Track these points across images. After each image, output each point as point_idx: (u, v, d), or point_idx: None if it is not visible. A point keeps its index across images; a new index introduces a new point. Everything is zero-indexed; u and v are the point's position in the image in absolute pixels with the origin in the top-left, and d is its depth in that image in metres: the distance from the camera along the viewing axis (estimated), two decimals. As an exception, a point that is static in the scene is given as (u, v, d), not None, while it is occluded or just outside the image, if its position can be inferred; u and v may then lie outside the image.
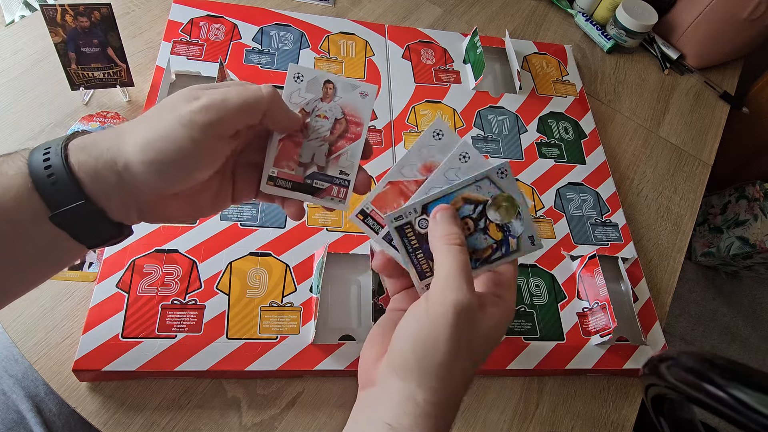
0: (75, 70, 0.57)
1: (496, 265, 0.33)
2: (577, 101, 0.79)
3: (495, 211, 0.33)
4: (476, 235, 0.33)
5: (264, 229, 0.56)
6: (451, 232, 0.31)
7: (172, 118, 0.29)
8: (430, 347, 0.29)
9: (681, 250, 0.71)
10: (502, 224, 0.33)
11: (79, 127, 0.60)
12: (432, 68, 0.76)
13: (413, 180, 0.34)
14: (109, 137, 0.30)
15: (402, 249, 0.33)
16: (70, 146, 0.29)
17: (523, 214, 0.33)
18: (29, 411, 0.47)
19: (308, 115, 0.34)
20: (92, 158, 0.29)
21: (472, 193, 0.33)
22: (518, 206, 0.33)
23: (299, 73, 0.34)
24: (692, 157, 0.83)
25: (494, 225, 0.33)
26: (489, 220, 0.33)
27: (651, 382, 0.40)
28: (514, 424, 0.54)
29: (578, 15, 0.95)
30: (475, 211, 0.33)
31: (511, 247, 0.33)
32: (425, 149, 0.34)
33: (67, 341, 0.48)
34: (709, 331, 1.52)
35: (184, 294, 0.50)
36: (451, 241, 0.31)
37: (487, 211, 0.33)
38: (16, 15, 0.85)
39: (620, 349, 0.57)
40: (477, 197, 0.33)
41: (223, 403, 0.48)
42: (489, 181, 0.33)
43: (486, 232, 0.33)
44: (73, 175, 0.29)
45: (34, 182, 0.28)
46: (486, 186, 0.33)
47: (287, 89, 0.34)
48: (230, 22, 0.72)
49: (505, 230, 0.33)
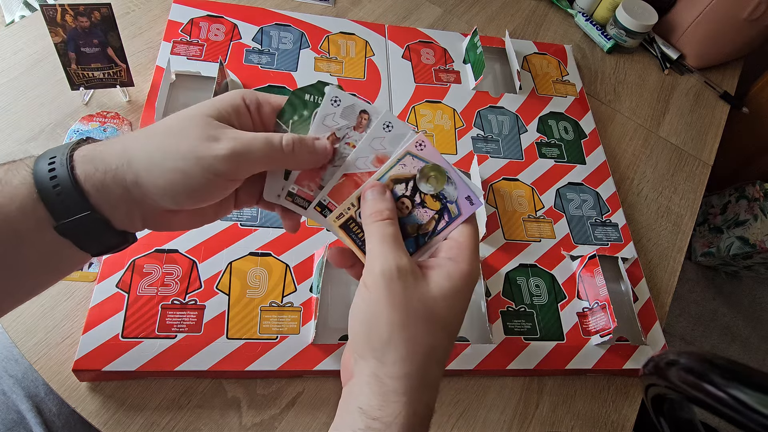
0: (75, 70, 0.57)
1: (445, 234, 0.33)
2: (577, 101, 0.79)
3: (425, 183, 0.33)
4: (416, 212, 0.33)
5: (264, 229, 0.56)
6: (377, 209, 0.32)
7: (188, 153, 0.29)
8: (375, 321, 0.29)
9: (681, 250, 0.71)
10: (436, 194, 0.33)
11: (78, 127, 0.60)
12: (432, 68, 0.76)
13: (367, 172, 0.34)
14: (117, 150, 0.30)
15: (352, 245, 0.34)
16: (75, 156, 0.29)
17: (453, 178, 0.33)
18: (29, 411, 0.47)
19: (338, 141, 0.34)
20: (100, 172, 0.29)
21: (399, 172, 0.33)
22: (446, 172, 0.33)
23: (337, 98, 0.34)
24: (692, 157, 0.83)
25: (429, 197, 0.33)
26: (423, 193, 0.33)
27: (651, 382, 0.40)
28: (514, 424, 0.54)
29: (578, 15, 0.95)
30: (407, 189, 0.33)
31: (452, 213, 0.33)
32: (376, 141, 0.34)
33: (67, 341, 0.48)
34: (709, 331, 1.52)
35: (184, 294, 0.50)
36: (377, 218, 0.31)
37: (418, 185, 0.33)
38: (16, 15, 0.85)
39: (620, 349, 0.57)
40: (405, 174, 0.33)
41: (223, 403, 0.48)
42: (411, 156, 0.33)
43: (424, 206, 0.33)
44: (79, 186, 0.29)
45: (40, 192, 0.28)
46: (410, 162, 0.33)
47: (323, 110, 0.34)
48: (230, 22, 0.72)
49: (442, 198, 0.33)
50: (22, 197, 0.28)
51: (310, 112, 0.35)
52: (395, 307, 0.29)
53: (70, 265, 0.33)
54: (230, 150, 0.29)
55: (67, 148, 0.30)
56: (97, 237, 0.31)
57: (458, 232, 0.33)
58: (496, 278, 0.59)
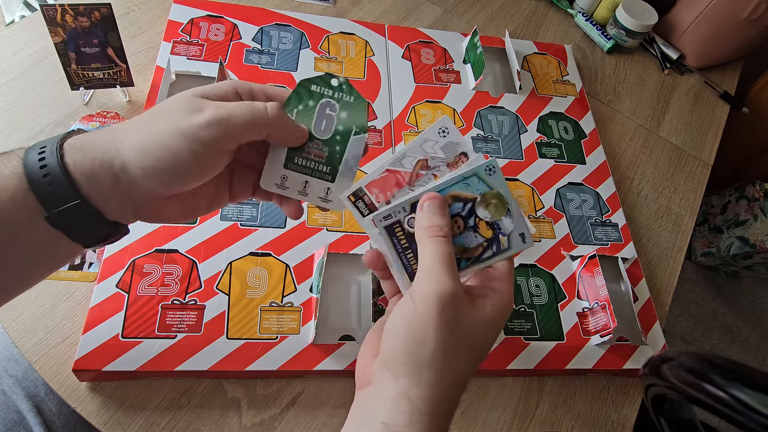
0: (75, 70, 0.57)
1: (487, 263, 0.33)
2: (577, 101, 0.79)
3: (484, 208, 0.32)
4: (466, 234, 0.33)
5: (264, 229, 0.56)
6: (435, 224, 0.31)
7: (173, 128, 0.29)
8: (418, 342, 0.29)
9: (681, 250, 0.71)
10: (492, 222, 0.32)
11: (79, 127, 0.60)
12: (432, 68, 0.76)
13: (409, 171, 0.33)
14: (105, 138, 0.30)
15: (392, 249, 0.33)
16: (65, 146, 0.29)
17: (513, 211, 0.32)
18: (29, 411, 0.47)
19: (427, 169, 0.34)
20: (88, 159, 0.29)
21: (461, 191, 0.32)
22: (507, 203, 0.32)
23: (446, 129, 0.33)
24: (692, 157, 0.83)
25: (484, 223, 0.32)
26: (478, 218, 0.32)
27: (651, 382, 0.40)
28: (514, 424, 0.54)
29: (578, 15, 0.95)
30: (464, 209, 0.32)
31: (502, 245, 0.32)
32: (428, 144, 0.33)
33: (67, 341, 0.48)
34: (709, 331, 1.52)
35: (184, 294, 0.50)
36: (434, 234, 0.31)
37: (476, 208, 0.32)
38: (16, 15, 0.85)
39: (620, 349, 0.57)
40: (466, 195, 0.32)
41: (223, 403, 0.48)
42: (477, 178, 0.32)
43: (476, 230, 0.33)
44: (69, 175, 0.29)
45: (30, 182, 0.28)
46: (474, 183, 0.32)
47: (427, 134, 0.33)
48: (230, 22, 0.72)
49: (496, 228, 0.32)
50: (12, 188, 0.28)
51: (315, 103, 0.34)
52: (444, 334, 0.28)
53: (63, 258, 0.32)
54: (213, 116, 0.29)
55: (57, 137, 0.30)
56: (89, 228, 0.30)
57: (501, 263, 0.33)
58: (496, 278, 0.59)
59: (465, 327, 0.29)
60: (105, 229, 0.31)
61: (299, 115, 0.34)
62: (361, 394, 0.32)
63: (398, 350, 0.29)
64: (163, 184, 0.30)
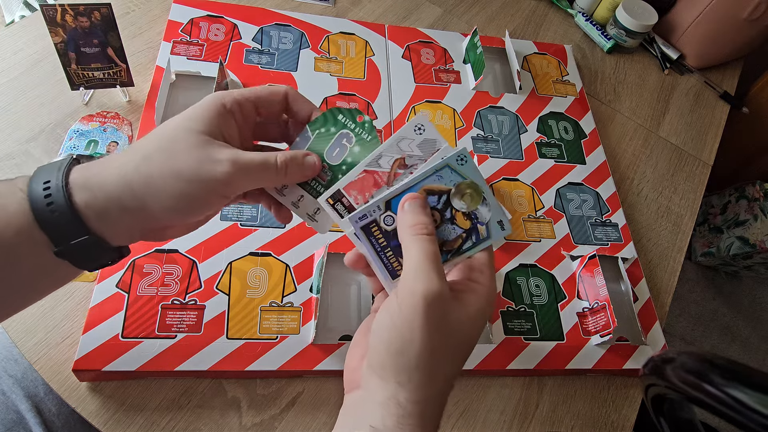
0: (75, 70, 0.57)
1: (468, 254, 0.33)
2: (577, 101, 0.79)
3: (459, 199, 0.32)
4: (444, 226, 0.32)
5: (264, 229, 0.56)
6: (419, 222, 0.31)
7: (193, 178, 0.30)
8: (405, 342, 0.28)
9: (681, 250, 0.71)
10: (468, 212, 0.32)
11: (79, 127, 0.59)
12: (432, 68, 0.76)
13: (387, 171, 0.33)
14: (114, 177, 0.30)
15: (370, 249, 0.32)
16: (71, 182, 0.29)
17: (488, 199, 0.32)
18: (29, 411, 0.47)
19: (405, 167, 0.33)
20: (100, 200, 0.29)
21: (434, 184, 0.32)
22: (483, 192, 0.32)
23: (422, 126, 0.33)
24: (692, 157, 0.83)
25: (461, 214, 0.32)
26: (455, 209, 0.32)
27: (651, 382, 0.40)
28: (514, 424, 0.54)
29: (578, 15, 0.95)
30: (439, 202, 0.32)
31: (481, 234, 0.32)
32: (404, 142, 0.33)
33: (67, 341, 0.48)
34: (709, 331, 1.52)
35: (184, 294, 0.50)
36: (419, 231, 0.30)
37: (451, 200, 0.32)
38: (16, 15, 0.85)
39: (620, 349, 0.57)
40: (440, 187, 0.32)
41: (223, 403, 0.48)
42: (449, 169, 0.32)
43: (453, 222, 0.32)
44: (78, 213, 0.29)
45: (37, 219, 0.29)
46: (447, 175, 0.32)
47: (403, 132, 0.33)
48: (230, 22, 0.72)
49: (473, 218, 0.32)
50: (18, 224, 0.29)
51: (336, 130, 0.35)
52: (431, 334, 0.28)
53: (64, 280, 0.33)
54: (231, 173, 0.30)
55: (61, 171, 0.30)
56: (94, 256, 0.31)
57: (482, 254, 0.32)
58: (497, 278, 0.59)
59: (452, 325, 0.29)
60: (109, 254, 0.32)
61: (319, 137, 0.36)
62: (350, 397, 0.32)
63: (384, 351, 0.29)
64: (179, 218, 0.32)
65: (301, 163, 0.34)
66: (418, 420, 0.28)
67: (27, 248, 0.29)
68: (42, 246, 0.29)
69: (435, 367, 0.29)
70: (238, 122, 0.34)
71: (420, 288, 0.28)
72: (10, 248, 0.29)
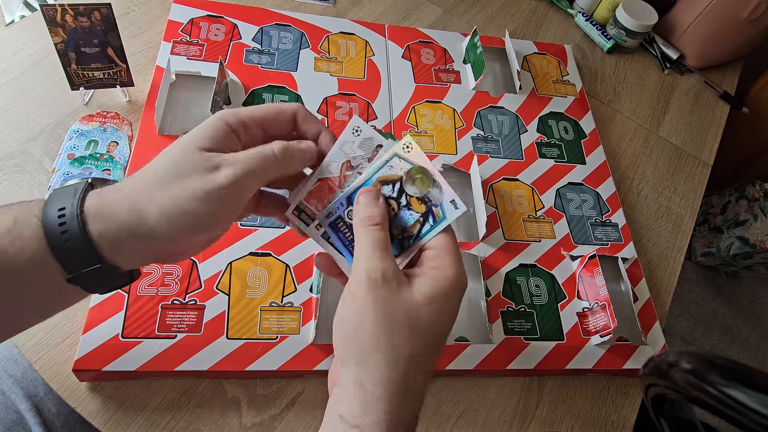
0: (75, 70, 0.57)
1: (428, 238, 0.33)
2: (577, 101, 0.79)
3: (412, 184, 0.33)
4: (401, 213, 0.34)
5: (264, 229, 0.56)
6: (369, 214, 0.32)
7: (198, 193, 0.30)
8: (358, 325, 0.29)
9: (681, 250, 0.71)
10: (422, 196, 0.33)
11: (79, 127, 0.59)
12: (432, 68, 0.76)
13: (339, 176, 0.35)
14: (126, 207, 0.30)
15: (339, 244, 0.35)
16: (86, 210, 0.29)
17: (438, 181, 0.33)
18: (28, 411, 0.47)
19: (351, 169, 0.35)
20: (113, 230, 0.30)
21: (386, 174, 0.34)
22: (432, 175, 0.33)
23: (358, 128, 0.35)
24: (692, 157, 0.83)
25: (415, 199, 0.33)
26: (409, 195, 0.34)
27: (651, 382, 0.40)
28: (514, 424, 0.54)
29: (578, 15, 0.95)
30: (394, 191, 0.34)
31: (437, 216, 0.33)
32: (347, 146, 0.35)
33: (67, 341, 0.48)
34: (709, 331, 1.52)
35: (184, 294, 0.50)
36: (368, 223, 0.32)
37: (404, 187, 0.34)
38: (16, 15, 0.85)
39: (620, 349, 0.57)
40: (392, 176, 0.34)
41: (223, 403, 0.48)
42: (398, 158, 0.34)
43: (410, 208, 0.34)
44: (92, 243, 0.29)
45: (51, 248, 0.29)
46: (397, 164, 0.34)
47: (343, 137, 0.35)
48: (230, 22, 0.72)
49: (427, 201, 0.33)
50: (32, 250, 0.29)
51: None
52: (379, 313, 0.29)
53: (73, 301, 0.33)
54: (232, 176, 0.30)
55: (76, 198, 0.30)
56: (105, 282, 0.31)
57: (438, 241, 0.33)
58: (496, 278, 0.59)
59: (404, 305, 0.29)
60: (121, 280, 0.32)
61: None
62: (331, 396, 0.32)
63: (342, 337, 0.30)
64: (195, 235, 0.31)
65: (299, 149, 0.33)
66: (384, 404, 0.28)
67: (39, 274, 0.29)
68: (54, 272, 0.29)
69: (391, 347, 0.29)
70: (243, 142, 0.33)
71: (364, 271, 0.30)
72: (22, 273, 0.29)
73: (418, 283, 0.30)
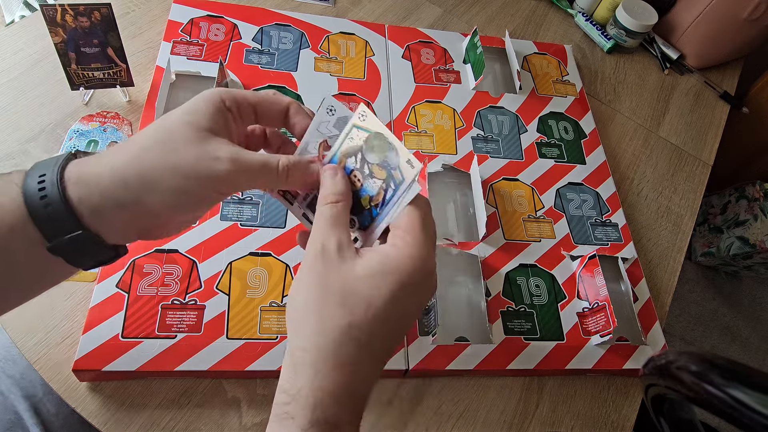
0: (75, 70, 0.57)
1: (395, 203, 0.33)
2: (577, 101, 0.79)
3: (371, 152, 0.33)
4: (366, 183, 0.34)
5: (264, 229, 0.56)
6: (324, 193, 0.32)
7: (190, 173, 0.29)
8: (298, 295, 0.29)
9: (681, 250, 0.71)
10: (381, 162, 0.33)
11: (79, 127, 0.59)
12: (432, 68, 0.76)
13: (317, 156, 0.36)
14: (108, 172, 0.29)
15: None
16: (66, 177, 0.29)
17: (394, 144, 0.33)
18: (27, 411, 0.47)
19: (329, 149, 0.35)
20: (95, 195, 0.29)
21: (348, 147, 0.34)
22: (387, 139, 0.33)
23: (332, 107, 0.35)
24: (692, 157, 0.83)
25: (376, 166, 0.33)
26: (370, 163, 0.34)
27: (651, 382, 0.40)
28: (514, 424, 0.54)
29: (578, 15, 0.95)
30: (357, 161, 0.34)
31: (396, 179, 0.33)
32: (323, 125, 0.35)
33: (67, 341, 0.48)
34: (709, 331, 1.52)
35: (184, 294, 0.50)
36: (325, 201, 0.32)
37: (365, 156, 0.34)
38: (16, 15, 0.85)
39: (620, 349, 0.57)
40: (353, 148, 0.34)
41: (223, 403, 0.48)
42: (356, 129, 0.34)
43: (373, 176, 0.34)
44: (72, 208, 0.28)
45: (31, 214, 0.28)
46: (356, 134, 0.34)
47: (318, 118, 0.35)
48: (230, 22, 0.72)
49: (386, 166, 0.33)
50: (12, 218, 0.28)
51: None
52: (314, 284, 0.29)
53: (59, 277, 0.33)
54: (230, 172, 0.30)
55: (57, 166, 0.29)
56: (89, 254, 0.31)
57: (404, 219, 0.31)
58: (496, 278, 0.59)
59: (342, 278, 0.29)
60: (105, 253, 0.31)
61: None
62: None
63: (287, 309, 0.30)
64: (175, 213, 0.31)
65: (305, 170, 0.33)
66: (310, 370, 0.27)
67: (21, 244, 0.29)
68: (36, 242, 0.29)
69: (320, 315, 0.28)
70: (236, 122, 0.33)
71: (312, 243, 0.30)
72: (4, 244, 0.28)
73: (366, 258, 0.29)
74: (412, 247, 0.30)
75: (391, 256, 0.29)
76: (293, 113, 0.35)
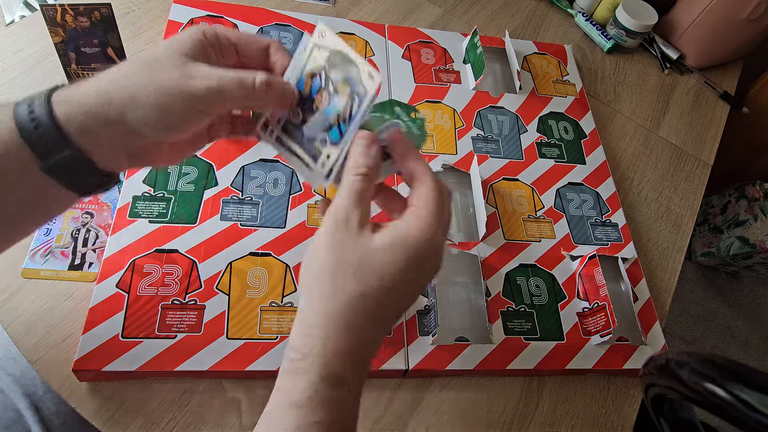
0: (75, 70, 0.57)
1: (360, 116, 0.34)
2: (577, 101, 0.79)
3: (334, 69, 0.34)
4: (332, 102, 0.35)
5: (264, 229, 0.56)
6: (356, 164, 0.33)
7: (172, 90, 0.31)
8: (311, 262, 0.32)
9: (681, 250, 0.71)
10: (344, 78, 0.34)
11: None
12: (432, 68, 0.76)
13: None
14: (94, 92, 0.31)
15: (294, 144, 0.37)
16: (53, 99, 0.31)
17: (354, 59, 0.34)
18: (27, 409, 0.47)
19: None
20: (81, 113, 0.30)
21: (312, 67, 0.35)
22: (348, 55, 0.34)
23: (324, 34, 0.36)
24: (692, 157, 0.83)
25: (340, 83, 0.34)
26: (334, 82, 0.35)
27: (651, 382, 0.40)
28: (514, 424, 0.54)
29: (578, 15, 0.95)
30: (322, 80, 0.35)
31: (360, 93, 0.34)
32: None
33: (67, 341, 0.48)
34: (709, 331, 1.52)
35: (184, 294, 0.50)
36: (356, 171, 0.33)
37: (329, 74, 0.34)
38: (16, 15, 0.85)
39: (620, 349, 0.57)
40: (317, 67, 0.35)
41: (223, 403, 0.48)
42: (317, 48, 0.35)
43: (338, 93, 0.35)
44: (59, 126, 0.30)
45: (22, 134, 0.30)
46: (318, 54, 0.35)
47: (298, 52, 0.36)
48: (230, 22, 0.72)
49: (350, 82, 0.34)
50: (4, 141, 0.30)
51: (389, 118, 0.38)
52: (331, 253, 0.31)
53: (56, 206, 0.34)
54: (206, 88, 0.31)
55: (45, 91, 0.31)
56: (81, 176, 0.32)
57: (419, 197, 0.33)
58: (496, 278, 0.59)
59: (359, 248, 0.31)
60: (97, 177, 0.33)
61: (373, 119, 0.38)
62: None
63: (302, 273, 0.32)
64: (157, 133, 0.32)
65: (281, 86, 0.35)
66: (321, 332, 0.30)
67: (16, 168, 0.30)
68: (29, 164, 0.30)
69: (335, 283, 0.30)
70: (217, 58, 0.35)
71: (334, 212, 0.32)
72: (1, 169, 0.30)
73: (383, 233, 0.31)
74: (423, 221, 0.32)
75: (403, 231, 0.31)
76: (274, 51, 0.36)
